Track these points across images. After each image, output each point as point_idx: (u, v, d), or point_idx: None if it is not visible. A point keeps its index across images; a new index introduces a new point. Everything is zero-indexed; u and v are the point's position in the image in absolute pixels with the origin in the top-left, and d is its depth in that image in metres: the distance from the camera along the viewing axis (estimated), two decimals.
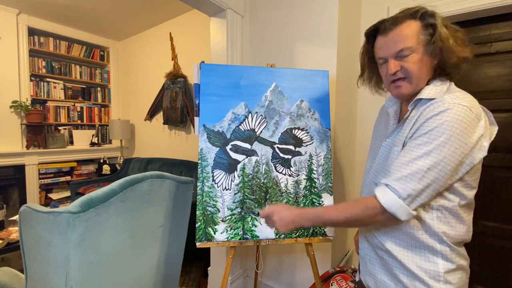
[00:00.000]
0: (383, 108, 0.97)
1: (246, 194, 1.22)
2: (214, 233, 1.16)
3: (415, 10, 0.71)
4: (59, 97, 3.41)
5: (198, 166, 1.20)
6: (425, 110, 0.69)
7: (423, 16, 0.70)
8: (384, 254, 0.79)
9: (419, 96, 0.73)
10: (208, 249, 1.97)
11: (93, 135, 3.70)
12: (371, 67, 0.86)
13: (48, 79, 3.32)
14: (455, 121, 0.63)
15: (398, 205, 0.66)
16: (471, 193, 0.71)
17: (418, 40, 0.70)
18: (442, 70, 0.73)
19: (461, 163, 0.65)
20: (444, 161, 0.63)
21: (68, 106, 3.50)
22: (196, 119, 1.25)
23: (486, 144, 0.66)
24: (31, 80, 3.14)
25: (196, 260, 2.31)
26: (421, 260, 0.72)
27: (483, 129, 0.65)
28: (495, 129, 0.69)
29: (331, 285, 1.37)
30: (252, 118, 1.27)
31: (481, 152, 0.66)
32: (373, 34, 0.79)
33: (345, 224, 0.78)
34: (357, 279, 0.95)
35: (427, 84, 0.74)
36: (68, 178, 3.44)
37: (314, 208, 0.84)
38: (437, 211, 0.70)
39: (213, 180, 1.20)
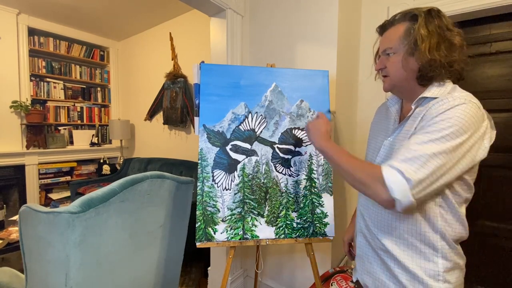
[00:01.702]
0: (381, 107, 0.98)
1: (246, 194, 1.22)
2: (214, 233, 1.17)
3: (405, 13, 0.76)
4: (59, 97, 3.42)
5: (198, 166, 1.20)
6: (434, 106, 0.69)
7: (411, 18, 0.73)
8: (383, 254, 0.79)
9: (423, 94, 0.73)
10: (208, 249, 1.97)
11: (93, 135, 3.70)
12: None
13: (48, 79, 3.32)
14: (465, 115, 0.64)
15: (399, 183, 0.62)
16: (469, 192, 0.72)
17: (400, 42, 0.75)
18: (423, 72, 0.73)
19: (465, 157, 0.65)
20: (450, 151, 0.63)
21: (68, 106, 3.50)
22: (196, 119, 1.25)
23: (487, 145, 0.67)
24: (31, 80, 3.14)
25: (196, 260, 2.31)
26: (421, 259, 0.72)
27: (485, 129, 0.66)
28: (494, 132, 0.70)
29: (331, 285, 1.37)
30: (252, 118, 1.27)
31: (482, 151, 0.66)
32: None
33: (343, 173, 0.76)
34: (354, 279, 0.95)
35: (430, 84, 0.74)
36: (68, 178, 3.44)
37: (336, 147, 0.85)
38: (440, 208, 0.70)
39: (213, 180, 1.20)
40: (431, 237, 0.71)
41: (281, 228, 1.22)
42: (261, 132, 1.27)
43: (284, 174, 1.26)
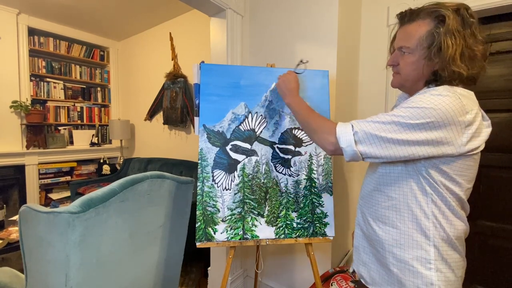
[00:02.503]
0: (394, 106, 0.99)
1: (246, 194, 1.22)
2: (214, 233, 1.16)
3: (433, 9, 0.70)
4: (59, 97, 3.41)
5: (198, 166, 1.20)
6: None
7: (437, 19, 0.69)
8: (377, 244, 0.80)
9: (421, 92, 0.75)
10: (208, 249, 1.97)
11: (93, 135, 3.70)
12: None
13: (48, 79, 3.32)
14: (436, 100, 0.63)
15: (346, 134, 0.71)
16: (458, 187, 0.69)
17: (419, 42, 0.71)
18: (437, 78, 0.71)
19: (426, 143, 0.64)
20: (407, 127, 0.65)
21: (68, 106, 3.50)
22: (196, 119, 1.25)
23: (465, 140, 0.64)
24: (31, 80, 3.14)
25: (196, 260, 2.31)
26: (412, 248, 0.72)
27: (465, 125, 0.64)
28: (485, 130, 0.68)
29: (331, 285, 1.37)
30: (252, 118, 1.27)
31: (454, 146, 0.64)
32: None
33: (306, 125, 0.88)
34: (351, 270, 0.96)
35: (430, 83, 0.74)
36: (68, 178, 3.44)
37: (303, 102, 0.99)
38: (431, 196, 0.70)
39: (213, 180, 1.20)
40: (423, 225, 0.71)
41: (281, 228, 1.22)
42: (261, 132, 1.27)
43: (284, 174, 1.26)
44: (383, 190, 0.78)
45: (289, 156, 1.27)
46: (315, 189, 1.26)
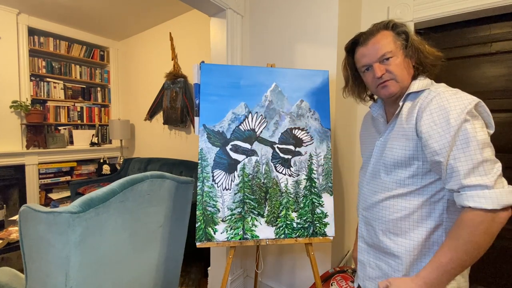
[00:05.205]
0: (366, 116, 1.02)
1: (246, 194, 1.22)
2: (214, 233, 1.16)
3: (385, 22, 0.80)
4: (59, 97, 3.41)
5: (198, 166, 1.20)
6: (425, 101, 0.72)
7: (394, 26, 0.79)
8: (388, 257, 0.79)
9: (409, 91, 0.77)
10: (208, 249, 1.97)
11: (93, 135, 3.70)
12: (354, 78, 0.91)
13: (48, 79, 3.32)
14: (453, 102, 0.68)
15: (495, 194, 0.60)
16: None
17: (395, 45, 0.78)
18: (422, 69, 0.80)
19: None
20: (475, 131, 0.65)
21: (68, 106, 3.50)
22: (196, 119, 1.25)
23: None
24: (31, 80, 3.14)
25: (196, 260, 2.31)
26: (428, 256, 0.72)
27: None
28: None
29: (331, 285, 1.37)
30: (252, 118, 1.27)
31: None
32: (352, 47, 0.88)
33: (470, 258, 0.64)
34: (355, 285, 0.95)
35: (413, 80, 0.80)
36: (68, 178, 3.44)
37: (431, 264, 0.66)
38: (443, 201, 0.71)
39: (213, 180, 1.20)
40: (437, 232, 0.71)
41: (281, 228, 1.22)
42: (261, 132, 1.27)
43: (284, 174, 1.26)
44: (392, 200, 0.77)
45: (289, 156, 1.27)
46: (315, 189, 1.26)
